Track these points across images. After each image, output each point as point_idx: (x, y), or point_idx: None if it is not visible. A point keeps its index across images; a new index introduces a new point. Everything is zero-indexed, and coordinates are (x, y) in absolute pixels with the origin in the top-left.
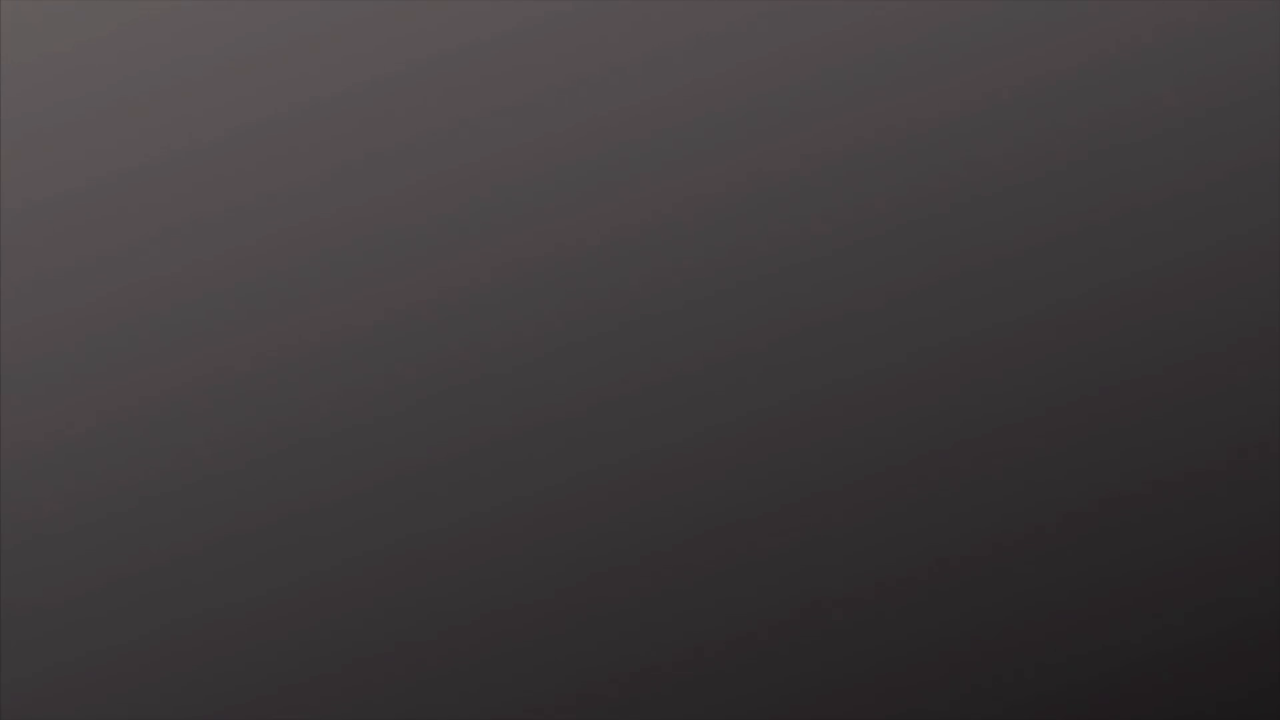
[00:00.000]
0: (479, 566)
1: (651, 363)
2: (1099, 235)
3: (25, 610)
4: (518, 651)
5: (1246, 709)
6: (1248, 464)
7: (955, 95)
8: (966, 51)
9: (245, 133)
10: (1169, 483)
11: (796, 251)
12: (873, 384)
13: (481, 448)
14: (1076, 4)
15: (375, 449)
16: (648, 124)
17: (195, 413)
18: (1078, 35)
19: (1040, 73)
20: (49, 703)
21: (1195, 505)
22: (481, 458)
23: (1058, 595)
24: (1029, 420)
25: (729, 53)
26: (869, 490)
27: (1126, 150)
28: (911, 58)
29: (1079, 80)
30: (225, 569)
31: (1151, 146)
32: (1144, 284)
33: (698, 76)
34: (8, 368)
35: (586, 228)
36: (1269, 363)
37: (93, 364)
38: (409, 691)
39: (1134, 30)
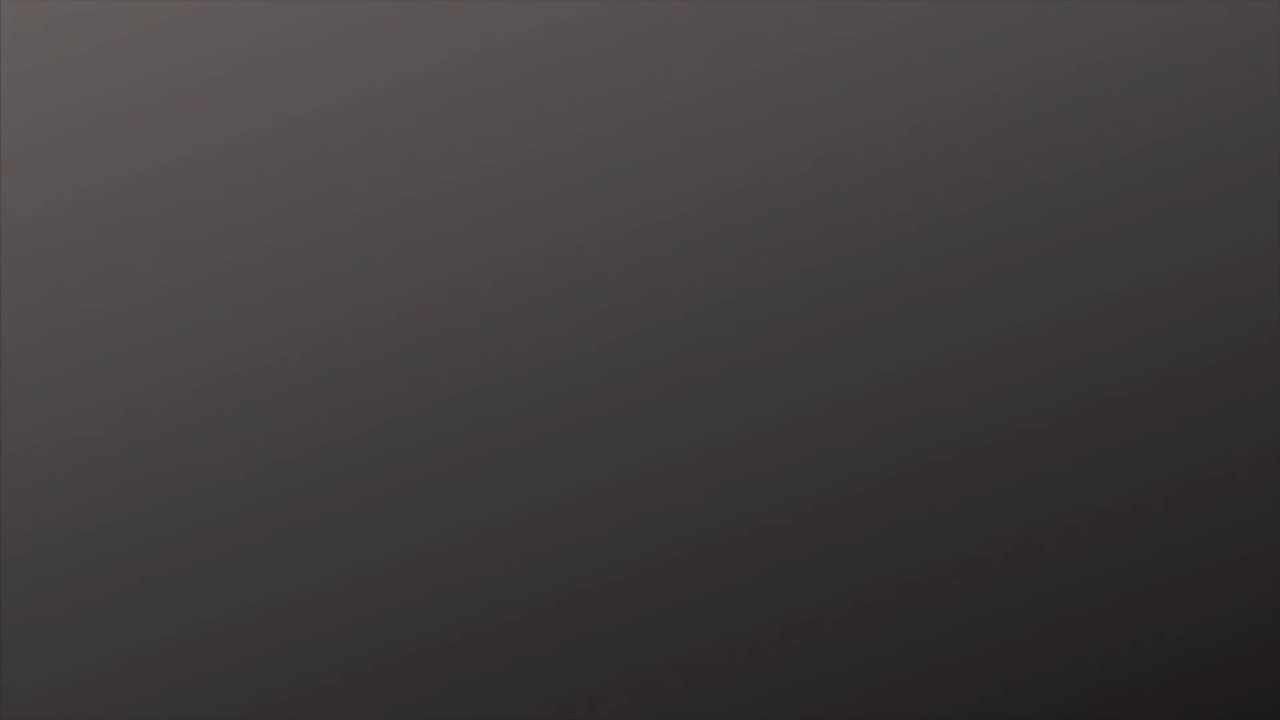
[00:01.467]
0: (483, 575)
1: (659, 369)
2: (1108, 241)
3: (27, 618)
4: (522, 660)
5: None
6: (1250, 473)
7: (961, 102)
8: (970, 59)
9: (246, 141)
10: (1168, 493)
11: (802, 259)
12: (880, 391)
13: (485, 456)
14: (1078, 10)
15: (380, 457)
16: (649, 131)
17: (199, 420)
18: (1082, 43)
19: (1048, 79)
20: (50, 710)
21: (1195, 515)
22: (487, 466)
23: (1064, 604)
24: (1035, 429)
25: (729, 59)
26: (873, 499)
27: (1130, 159)
28: (913, 65)
29: (1090, 86)
30: (227, 577)
31: (1152, 155)
32: (1150, 291)
33: (701, 83)
34: (9, 374)
35: (589, 235)
36: (1272, 372)
37: (94, 371)
38: (410, 700)
39: (1136, 37)
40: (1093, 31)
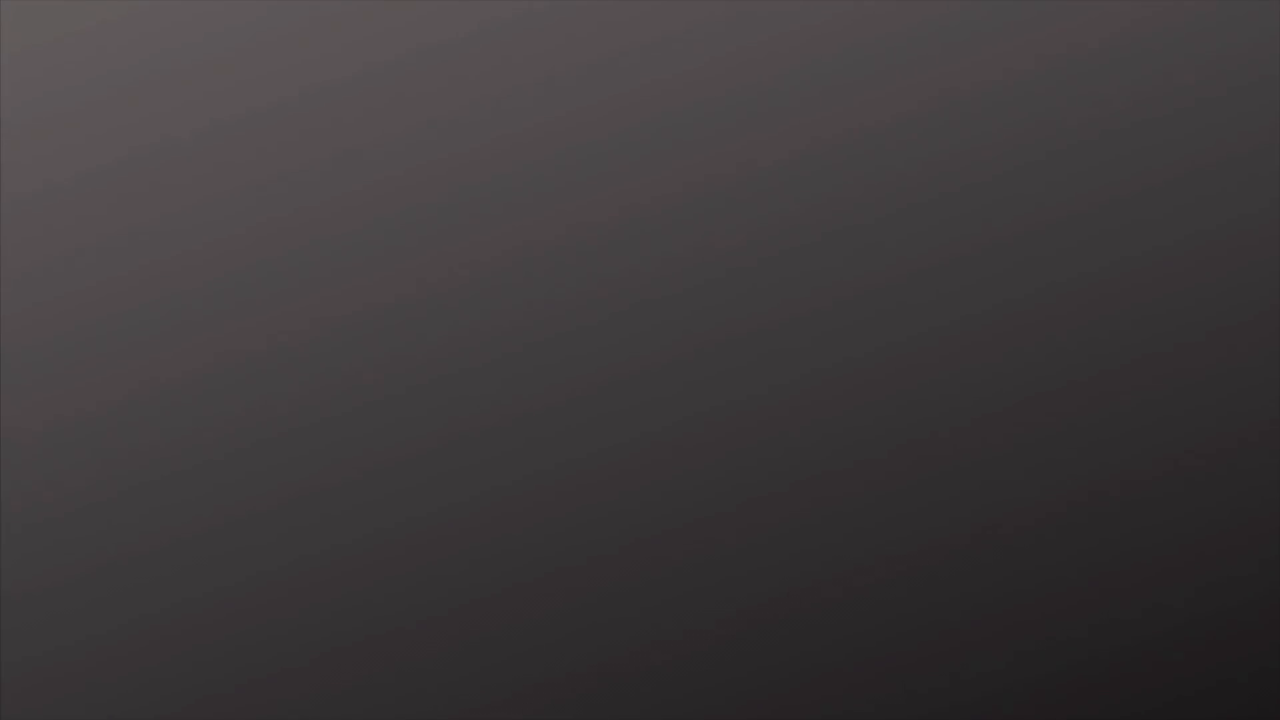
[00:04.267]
0: (459, 556)
1: (640, 352)
2: (1094, 222)
3: (24, 597)
4: (497, 641)
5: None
6: (1239, 453)
7: (950, 82)
8: (962, 39)
9: (234, 124)
10: (1148, 476)
11: (777, 242)
12: (858, 372)
13: (460, 439)
14: None
15: (360, 439)
16: (627, 117)
17: (181, 403)
18: (1075, 21)
19: (1043, 57)
20: (47, 688)
21: (1169, 498)
22: (463, 448)
23: (1043, 583)
24: (1018, 408)
25: (712, 44)
26: (851, 479)
27: (1117, 138)
28: (903, 46)
29: (1080, 66)
30: (212, 558)
31: (1138, 134)
32: (1129, 271)
33: (683, 67)
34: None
35: (563, 220)
36: (1258, 351)
37: (79, 354)
38: (390, 682)
39: (1126, 19)
40: (1078, 13)
